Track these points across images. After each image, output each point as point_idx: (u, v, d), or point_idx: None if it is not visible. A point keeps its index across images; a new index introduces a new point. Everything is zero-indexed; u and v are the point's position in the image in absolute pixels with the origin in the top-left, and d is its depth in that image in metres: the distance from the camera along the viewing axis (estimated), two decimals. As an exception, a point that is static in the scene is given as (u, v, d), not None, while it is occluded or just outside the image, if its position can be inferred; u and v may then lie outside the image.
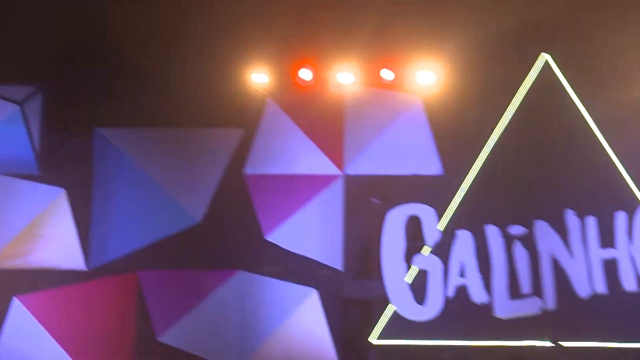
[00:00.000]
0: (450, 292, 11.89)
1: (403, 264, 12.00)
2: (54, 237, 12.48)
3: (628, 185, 11.90)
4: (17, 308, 12.14)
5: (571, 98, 12.16)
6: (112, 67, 12.19)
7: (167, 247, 12.45)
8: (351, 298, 12.40)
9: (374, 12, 12.19)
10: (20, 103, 12.59)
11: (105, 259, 12.48)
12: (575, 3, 11.89)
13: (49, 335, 12.20)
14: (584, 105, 12.13)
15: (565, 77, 12.14)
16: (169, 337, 12.12)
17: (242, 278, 12.30)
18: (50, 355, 12.22)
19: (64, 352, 12.19)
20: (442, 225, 12.07)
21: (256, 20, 12.23)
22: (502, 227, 11.98)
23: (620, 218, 11.75)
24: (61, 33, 12.24)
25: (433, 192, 12.29)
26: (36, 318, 12.23)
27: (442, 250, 12.02)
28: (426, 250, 12.01)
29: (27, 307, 12.21)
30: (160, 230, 12.54)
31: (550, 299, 11.75)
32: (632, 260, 11.64)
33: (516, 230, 11.98)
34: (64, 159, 12.69)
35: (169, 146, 12.77)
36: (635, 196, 11.84)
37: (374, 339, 11.94)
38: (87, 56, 12.32)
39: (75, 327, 12.28)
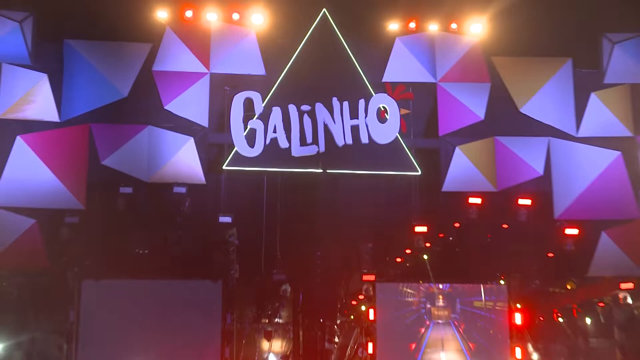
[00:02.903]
0: (267, 141, 18.48)
1: (242, 124, 18.42)
2: (39, 101, 18.02)
3: (367, 86, 18.99)
4: (19, 144, 17.81)
5: (339, 35, 19.05)
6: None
7: (108, 110, 18.24)
8: (213, 143, 18.67)
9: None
10: (20, 22, 18.12)
11: (70, 115, 18.20)
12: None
13: (42, 163, 17.62)
14: (345, 40, 18.99)
15: (334, 23, 19.01)
16: (108, 162, 18.02)
17: (150, 130, 18.23)
18: (38, 175, 17.60)
19: (51, 172, 17.56)
20: (264, 103, 18.56)
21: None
22: (297, 106, 18.60)
23: (361, 103, 18.81)
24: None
25: (260, 84, 18.69)
26: (33, 151, 17.70)
27: (264, 117, 18.45)
28: (255, 117, 18.46)
29: (27, 143, 17.81)
30: (103, 100, 18.28)
31: (322, 146, 18.55)
32: (366, 126, 18.76)
33: (305, 107, 18.67)
34: (46, 56, 18.33)
35: (110, 52, 18.51)
36: (370, 91, 18.93)
37: (225, 166, 18.41)
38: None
39: (56, 153, 17.76)
